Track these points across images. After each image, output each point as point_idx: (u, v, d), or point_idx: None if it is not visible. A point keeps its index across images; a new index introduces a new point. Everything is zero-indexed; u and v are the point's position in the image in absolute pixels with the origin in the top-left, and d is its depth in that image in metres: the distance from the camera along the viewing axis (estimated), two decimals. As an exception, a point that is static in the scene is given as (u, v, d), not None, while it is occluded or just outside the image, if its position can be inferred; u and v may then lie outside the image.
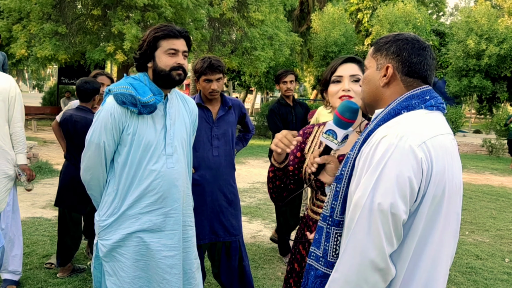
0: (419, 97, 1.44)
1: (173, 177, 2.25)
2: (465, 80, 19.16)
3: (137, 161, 2.19)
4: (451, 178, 1.36)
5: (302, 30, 24.67)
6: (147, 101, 2.13)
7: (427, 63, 1.46)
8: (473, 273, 4.45)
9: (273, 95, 31.83)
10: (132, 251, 2.21)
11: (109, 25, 13.19)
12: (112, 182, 2.23)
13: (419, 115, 1.40)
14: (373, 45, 1.55)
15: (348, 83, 1.91)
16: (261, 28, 15.52)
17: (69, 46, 13.27)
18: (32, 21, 12.96)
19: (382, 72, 1.47)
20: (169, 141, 2.24)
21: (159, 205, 2.22)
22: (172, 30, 2.18)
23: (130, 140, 2.18)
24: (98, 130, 2.16)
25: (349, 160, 1.47)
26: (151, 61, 2.21)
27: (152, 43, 2.19)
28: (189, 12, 13.06)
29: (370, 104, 1.55)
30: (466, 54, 18.91)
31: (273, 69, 20.30)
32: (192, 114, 2.47)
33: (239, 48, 15.41)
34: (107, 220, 2.23)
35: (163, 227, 2.24)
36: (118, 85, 2.17)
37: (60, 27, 12.72)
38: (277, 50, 16.53)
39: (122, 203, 2.21)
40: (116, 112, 2.15)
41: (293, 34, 18.56)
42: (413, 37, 1.48)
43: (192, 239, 2.44)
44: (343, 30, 21.22)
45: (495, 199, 8.09)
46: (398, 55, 1.45)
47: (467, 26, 19.09)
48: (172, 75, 2.19)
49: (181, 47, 2.21)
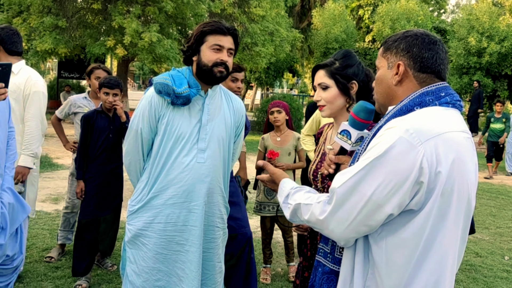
0: (434, 93, 1.40)
1: (202, 172, 2.24)
2: (465, 77, 19.13)
3: (168, 151, 2.22)
4: (462, 177, 1.31)
5: (303, 26, 24.61)
6: (180, 92, 2.15)
7: (439, 57, 1.43)
8: (472, 271, 4.45)
9: (273, 91, 31.77)
10: (154, 242, 2.23)
11: (109, 19, 13.15)
12: (147, 170, 2.29)
13: (432, 112, 1.37)
14: (382, 45, 1.53)
15: (318, 92, 1.97)
16: (262, 23, 15.48)
17: (69, 40, 13.24)
18: (32, 15, 12.93)
19: (394, 71, 1.44)
20: (203, 136, 2.24)
21: (184, 199, 2.23)
22: (220, 26, 2.20)
23: (164, 130, 2.21)
24: (137, 117, 2.24)
25: (357, 156, 1.45)
26: (196, 55, 2.22)
27: (199, 37, 2.20)
28: (190, 7, 13.01)
29: (384, 104, 1.52)
30: (467, 52, 18.87)
31: (274, 65, 20.26)
32: (237, 114, 2.44)
33: (240, 44, 15.33)
34: (135, 206, 2.28)
35: (186, 222, 2.24)
36: (161, 75, 2.23)
37: (60, 21, 12.68)
38: (277, 46, 16.50)
39: (150, 191, 2.25)
40: (153, 101, 2.21)
41: (294, 30, 18.51)
42: (422, 32, 1.45)
43: (217, 241, 2.40)
44: (344, 26, 21.17)
45: (495, 197, 8.09)
46: (409, 51, 1.42)
47: (468, 23, 19.04)
48: (214, 71, 2.19)
49: (227, 44, 2.21)
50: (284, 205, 1.52)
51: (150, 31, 12.28)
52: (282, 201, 1.54)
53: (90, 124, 3.51)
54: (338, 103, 1.95)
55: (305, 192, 1.50)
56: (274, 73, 23.25)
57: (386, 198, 1.27)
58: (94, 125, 3.50)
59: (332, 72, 1.94)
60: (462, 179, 1.31)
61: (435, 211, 1.29)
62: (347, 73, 1.94)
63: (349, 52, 2.01)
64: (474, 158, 1.39)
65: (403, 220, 1.31)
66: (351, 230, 1.33)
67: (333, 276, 1.53)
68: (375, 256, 1.35)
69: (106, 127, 3.54)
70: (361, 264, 1.38)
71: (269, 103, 18.95)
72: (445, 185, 1.28)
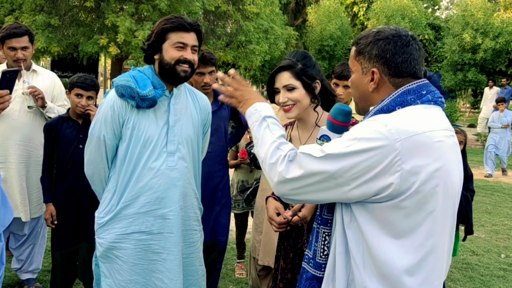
0: (415, 92, 1.37)
1: (173, 176, 2.15)
2: (460, 74, 19.13)
3: (136, 157, 2.10)
4: (446, 176, 1.29)
5: (297, 23, 24.56)
6: (146, 94, 2.04)
7: (413, 58, 1.40)
8: (469, 269, 4.44)
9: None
10: (129, 254, 2.12)
11: (102, 17, 13.04)
12: (113, 178, 2.16)
13: (414, 111, 1.34)
14: (354, 45, 1.47)
15: (284, 93, 2.03)
16: (256, 21, 15.41)
17: (62, 38, 13.12)
18: (24, 13, 12.77)
19: (369, 77, 1.42)
20: (171, 138, 2.14)
21: (157, 206, 2.13)
22: (182, 22, 2.09)
23: (130, 135, 2.10)
24: (99, 123, 2.11)
25: None
26: (158, 54, 2.12)
27: (160, 35, 2.09)
28: (184, 5, 12.92)
29: (363, 107, 1.51)
30: (462, 48, 18.87)
31: (269, 62, 20.21)
32: (203, 111, 2.35)
33: (234, 42, 15.31)
34: (104, 217, 2.16)
35: (161, 229, 2.14)
36: (122, 77, 2.10)
37: (53, 19, 12.54)
38: (272, 43, 16.44)
39: (119, 200, 2.13)
40: (116, 105, 2.08)
41: (288, 27, 18.46)
42: (394, 33, 1.40)
43: (197, 245, 2.33)
44: (339, 23, 21.12)
45: (490, 193, 8.09)
46: (382, 57, 1.39)
47: (463, 20, 19.04)
48: (177, 70, 2.09)
49: (190, 41, 2.11)
50: (258, 123, 1.53)
51: (143, 29, 12.18)
52: (258, 120, 1.54)
53: (54, 135, 2.94)
54: (305, 102, 2.04)
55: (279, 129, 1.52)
56: (269, 70, 23.17)
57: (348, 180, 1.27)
58: (60, 135, 2.93)
59: (297, 73, 2.01)
60: (446, 179, 1.29)
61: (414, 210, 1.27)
62: (311, 74, 2.02)
63: (307, 53, 2.10)
64: (458, 156, 1.38)
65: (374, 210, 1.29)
66: (293, 192, 1.36)
67: (315, 282, 1.50)
68: (351, 246, 1.33)
69: (74, 136, 2.94)
70: (343, 256, 1.36)
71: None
72: (425, 184, 1.25)
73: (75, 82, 2.93)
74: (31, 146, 3.17)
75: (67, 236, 2.98)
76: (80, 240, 3.02)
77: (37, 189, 3.16)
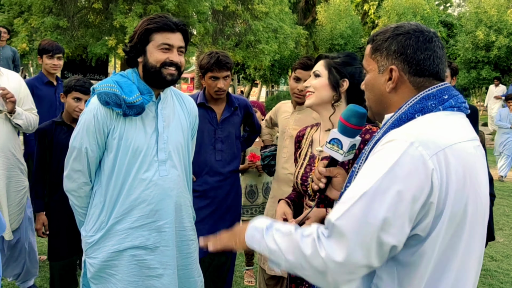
0: (436, 97, 1.21)
1: (167, 186, 2.01)
2: (473, 72, 18.84)
3: (125, 168, 1.95)
4: (475, 194, 1.14)
5: (307, 22, 24.36)
6: (133, 101, 1.88)
7: (437, 56, 1.24)
8: (488, 276, 4.24)
9: (278, 88, 31.60)
10: (123, 271, 1.97)
11: (111, 18, 13.02)
12: (99, 193, 2.00)
13: (437, 119, 1.18)
14: (370, 43, 1.31)
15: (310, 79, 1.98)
16: (265, 20, 15.29)
17: (71, 40, 13.12)
18: (33, 15, 12.81)
19: (386, 76, 1.26)
20: (162, 146, 1.99)
21: (152, 219, 1.98)
22: (167, 22, 1.92)
23: (117, 145, 1.94)
24: (80, 133, 1.94)
25: (353, 174, 1.25)
26: (142, 56, 1.96)
27: (143, 36, 1.93)
28: (192, 5, 12.85)
29: (378, 111, 1.34)
30: (475, 46, 18.58)
31: (278, 62, 20.08)
32: (191, 115, 2.20)
33: (243, 41, 15.19)
34: (94, 235, 2.00)
35: (157, 243, 2.00)
36: (103, 83, 1.93)
37: (61, 21, 12.56)
38: (281, 43, 16.30)
39: (110, 216, 1.97)
40: (99, 114, 1.91)
41: (298, 27, 18.32)
42: (415, 28, 1.24)
43: (194, 255, 2.20)
44: (349, 22, 20.91)
45: (508, 195, 7.84)
46: (402, 53, 1.23)
47: (476, 17, 18.75)
48: (163, 73, 1.93)
49: (176, 42, 1.95)
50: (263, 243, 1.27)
51: (152, 30, 12.11)
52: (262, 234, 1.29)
53: (48, 140, 2.80)
54: (325, 94, 1.93)
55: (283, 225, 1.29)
56: (279, 70, 23.06)
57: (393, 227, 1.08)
58: (54, 141, 2.80)
59: (329, 63, 1.94)
60: (476, 195, 1.14)
61: (445, 237, 1.12)
62: (342, 70, 1.92)
63: (355, 55, 1.99)
64: (485, 169, 1.23)
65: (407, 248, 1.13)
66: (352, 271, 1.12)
67: None
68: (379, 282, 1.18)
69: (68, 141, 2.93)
70: None
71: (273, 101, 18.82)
72: (455, 205, 1.10)
73: (73, 85, 2.79)
74: (4, 156, 2.88)
75: (63, 247, 2.85)
76: (77, 250, 2.85)
77: (13, 201, 2.94)
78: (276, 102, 18.29)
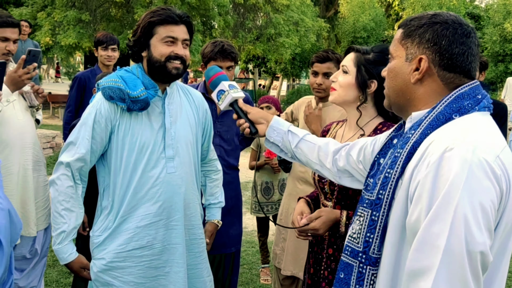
0: (470, 96, 1.13)
1: (175, 183, 1.95)
2: (501, 65, 18.34)
3: (132, 165, 1.90)
4: None
5: (329, 15, 24.06)
6: (137, 96, 1.83)
7: (472, 53, 1.15)
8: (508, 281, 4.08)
9: (300, 82, 31.36)
10: (129, 273, 1.92)
11: (132, 12, 13.08)
12: (106, 194, 1.95)
13: (478, 121, 1.09)
14: (402, 27, 1.22)
15: (338, 73, 1.87)
16: (286, 13, 15.12)
17: (93, 33, 13.22)
18: (56, 9, 12.96)
19: (414, 65, 1.17)
20: (169, 142, 1.94)
21: (159, 217, 1.93)
22: (171, 14, 1.88)
23: (122, 142, 1.89)
24: (78, 127, 1.91)
25: (389, 181, 1.15)
26: (146, 50, 1.91)
27: (147, 30, 1.88)
28: (213, -2, 12.78)
29: (398, 103, 1.25)
30: (503, 39, 18.06)
31: (299, 55, 19.89)
32: (200, 109, 2.14)
33: (264, 35, 15.07)
34: (101, 235, 1.95)
35: (165, 242, 1.95)
36: (108, 78, 1.89)
37: (84, 15, 12.68)
38: (302, 36, 16.11)
39: (117, 215, 1.92)
40: (103, 108, 1.87)
41: (319, 19, 18.09)
42: (454, 19, 1.15)
43: (203, 254, 2.15)
44: (372, 14, 20.54)
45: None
46: (435, 43, 1.14)
47: (504, 9, 18.20)
48: (168, 67, 1.88)
49: (181, 34, 1.90)
50: None
51: (172, 23, 12.12)
52: None
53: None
54: (350, 94, 1.80)
55: None
56: (300, 63, 22.84)
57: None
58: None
59: (359, 60, 1.78)
60: None
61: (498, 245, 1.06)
62: (372, 69, 1.75)
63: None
64: None
65: None
66: None
67: None
68: None
69: None
70: None
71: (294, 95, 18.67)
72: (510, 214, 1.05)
73: None
74: (33, 149, 2.84)
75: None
76: None
77: (42, 196, 2.85)
78: (297, 96, 18.14)
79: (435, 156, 1.04)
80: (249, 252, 4.56)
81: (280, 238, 2.97)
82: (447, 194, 0.99)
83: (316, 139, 1.66)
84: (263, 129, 1.67)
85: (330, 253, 1.85)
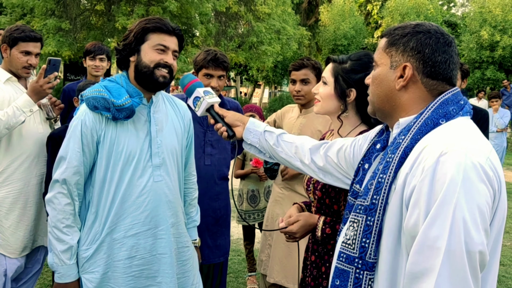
0: (454, 102, 1.18)
1: (162, 192, 1.94)
2: (478, 72, 18.73)
3: (118, 175, 1.87)
4: (504, 198, 1.12)
5: (310, 23, 24.31)
6: (122, 104, 1.81)
7: (453, 62, 1.20)
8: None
9: (281, 89, 31.52)
10: (120, 283, 1.89)
11: (113, 20, 13.00)
12: (93, 203, 1.91)
13: (463, 125, 1.15)
14: (386, 36, 1.26)
15: (319, 85, 1.87)
16: (268, 21, 15.25)
17: (73, 42, 13.10)
18: (35, 17, 12.81)
19: (398, 72, 1.21)
20: (155, 150, 1.94)
21: (148, 226, 1.92)
22: (165, 24, 1.90)
23: (108, 151, 1.87)
24: (66, 141, 1.88)
25: (382, 186, 1.17)
26: (135, 55, 1.90)
27: (140, 35, 1.88)
28: (195, 6, 12.82)
29: (382, 109, 1.29)
30: (479, 46, 18.48)
31: (281, 63, 20.03)
32: (185, 118, 2.14)
33: (246, 43, 15.14)
34: (90, 248, 1.90)
35: (153, 251, 1.93)
36: (91, 88, 1.88)
37: (64, 23, 12.55)
38: (284, 44, 16.26)
39: (104, 226, 1.89)
40: (87, 119, 1.85)
41: (301, 27, 18.29)
42: (436, 29, 1.21)
43: (190, 261, 2.14)
44: (352, 22, 20.86)
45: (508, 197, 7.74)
46: (419, 52, 1.19)
47: (480, 16, 18.64)
48: (156, 74, 1.87)
49: (172, 45, 1.91)
50: None
51: (154, 32, 12.09)
52: None
53: None
54: (331, 104, 1.81)
55: None
56: (282, 71, 23.00)
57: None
58: None
59: (336, 70, 1.79)
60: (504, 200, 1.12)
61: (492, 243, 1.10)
62: (349, 78, 1.76)
63: (367, 57, 1.80)
64: None
65: None
66: None
67: None
68: None
69: None
70: None
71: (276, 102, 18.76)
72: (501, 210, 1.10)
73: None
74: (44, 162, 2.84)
75: None
76: None
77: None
78: (279, 103, 18.22)
79: (430, 161, 1.06)
80: (235, 261, 4.54)
81: (266, 245, 2.97)
82: (444, 197, 1.02)
83: (293, 137, 1.69)
84: (240, 131, 1.70)
85: (313, 260, 1.86)
